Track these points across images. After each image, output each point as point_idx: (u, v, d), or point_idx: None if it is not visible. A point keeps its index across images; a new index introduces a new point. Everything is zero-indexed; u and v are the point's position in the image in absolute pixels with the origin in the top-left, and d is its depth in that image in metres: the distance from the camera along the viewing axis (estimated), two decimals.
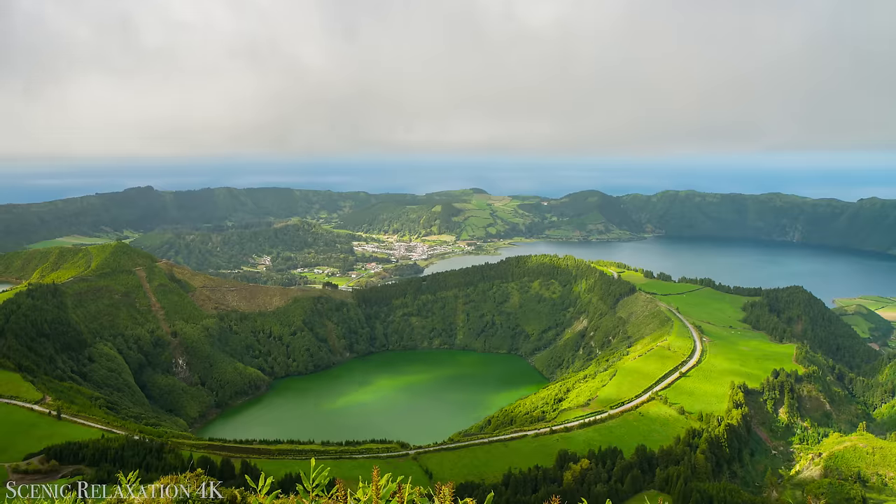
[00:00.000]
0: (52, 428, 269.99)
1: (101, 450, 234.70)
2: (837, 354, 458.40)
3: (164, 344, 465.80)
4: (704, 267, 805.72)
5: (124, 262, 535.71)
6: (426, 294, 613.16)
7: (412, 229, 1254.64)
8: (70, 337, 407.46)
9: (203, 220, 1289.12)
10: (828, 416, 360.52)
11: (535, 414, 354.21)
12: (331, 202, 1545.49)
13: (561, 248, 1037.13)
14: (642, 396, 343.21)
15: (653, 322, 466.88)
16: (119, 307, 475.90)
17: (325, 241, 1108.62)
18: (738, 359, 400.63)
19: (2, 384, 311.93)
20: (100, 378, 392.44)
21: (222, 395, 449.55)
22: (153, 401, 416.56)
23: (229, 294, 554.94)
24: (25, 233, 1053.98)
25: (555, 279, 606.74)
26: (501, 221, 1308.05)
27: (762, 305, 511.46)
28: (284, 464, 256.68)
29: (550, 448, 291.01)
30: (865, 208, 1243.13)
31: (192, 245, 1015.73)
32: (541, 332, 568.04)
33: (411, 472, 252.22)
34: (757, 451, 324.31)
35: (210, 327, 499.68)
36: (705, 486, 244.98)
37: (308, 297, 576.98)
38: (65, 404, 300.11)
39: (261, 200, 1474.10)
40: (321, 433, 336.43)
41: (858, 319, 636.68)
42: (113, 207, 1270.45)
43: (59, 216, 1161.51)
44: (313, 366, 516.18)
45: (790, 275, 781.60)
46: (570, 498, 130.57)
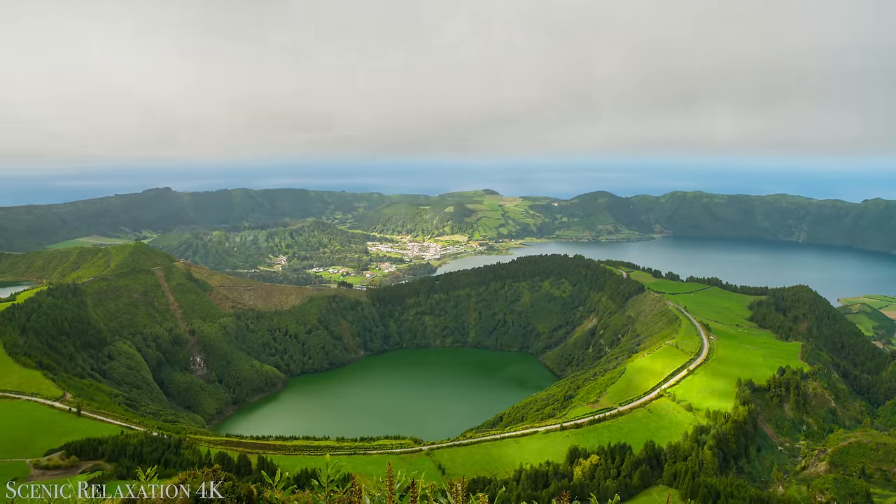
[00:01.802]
0: (72, 424, 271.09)
1: (120, 446, 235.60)
2: (842, 352, 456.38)
3: (182, 342, 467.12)
4: (712, 266, 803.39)
5: (143, 261, 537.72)
6: (439, 293, 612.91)
7: (425, 230, 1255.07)
8: (90, 335, 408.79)
9: (220, 221, 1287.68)
10: (833, 413, 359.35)
11: (545, 411, 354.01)
12: (345, 203, 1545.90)
13: (571, 248, 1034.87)
14: (651, 393, 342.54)
15: (661, 320, 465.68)
16: (138, 306, 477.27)
17: (340, 241, 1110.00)
18: (745, 356, 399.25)
19: (23, 381, 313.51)
20: (119, 375, 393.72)
21: (239, 392, 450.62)
22: (171, 398, 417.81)
23: (246, 293, 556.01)
24: (46, 233, 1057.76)
25: (565, 278, 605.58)
26: (513, 222, 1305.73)
27: (768, 304, 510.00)
28: (300, 459, 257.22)
29: (561, 444, 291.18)
30: (870, 209, 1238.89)
31: (209, 245, 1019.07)
32: (551, 330, 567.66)
33: (424, 468, 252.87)
34: (763, 447, 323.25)
35: (227, 326, 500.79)
36: (713, 481, 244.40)
37: (323, 296, 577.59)
38: (85, 401, 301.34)
39: (277, 201, 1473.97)
40: (336, 429, 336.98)
41: (863, 318, 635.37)
42: (132, 208, 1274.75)
43: (79, 217, 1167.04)
44: (328, 363, 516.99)
45: (796, 274, 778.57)
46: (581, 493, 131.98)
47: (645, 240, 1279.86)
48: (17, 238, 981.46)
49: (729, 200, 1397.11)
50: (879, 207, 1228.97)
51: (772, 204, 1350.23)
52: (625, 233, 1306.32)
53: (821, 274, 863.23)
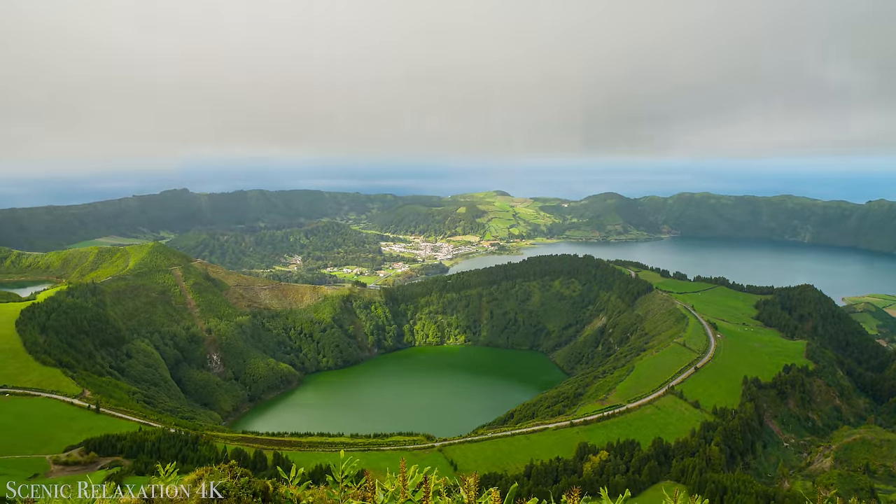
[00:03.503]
0: (91, 421, 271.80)
1: (138, 442, 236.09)
2: (847, 350, 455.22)
3: (199, 340, 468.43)
4: (719, 266, 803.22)
5: (161, 261, 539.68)
6: (451, 292, 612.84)
7: (438, 230, 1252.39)
8: (109, 334, 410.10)
9: (236, 222, 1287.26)
10: (837, 410, 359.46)
11: (555, 408, 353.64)
12: (359, 204, 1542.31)
13: (581, 248, 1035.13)
14: (659, 391, 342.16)
15: (669, 319, 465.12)
16: (156, 305, 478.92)
17: (353, 242, 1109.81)
18: (751, 354, 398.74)
19: (43, 379, 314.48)
20: (137, 373, 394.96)
21: (255, 389, 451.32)
22: (188, 395, 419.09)
23: (262, 292, 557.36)
24: (65, 233, 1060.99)
25: (575, 278, 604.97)
26: (523, 223, 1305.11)
27: (774, 303, 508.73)
28: (315, 455, 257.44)
29: (571, 440, 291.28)
30: (874, 210, 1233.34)
31: (226, 245, 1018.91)
32: (561, 328, 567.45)
33: (437, 464, 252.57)
34: (769, 443, 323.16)
35: (243, 324, 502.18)
36: (720, 477, 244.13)
37: (338, 296, 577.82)
38: (103, 398, 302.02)
39: (292, 202, 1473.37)
40: (350, 426, 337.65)
41: (867, 317, 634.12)
42: (150, 209, 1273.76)
43: (97, 218, 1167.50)
44: (342, 361, 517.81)
45: (801, 274, 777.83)
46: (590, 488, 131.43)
47: (653, 240, 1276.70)
48: (38, 238, 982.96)
49: (736, 201, 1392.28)
50: (883, 208, 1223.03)
51: (778, 205, 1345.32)
52: (633, 233, 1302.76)
53: (826, 274, 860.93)
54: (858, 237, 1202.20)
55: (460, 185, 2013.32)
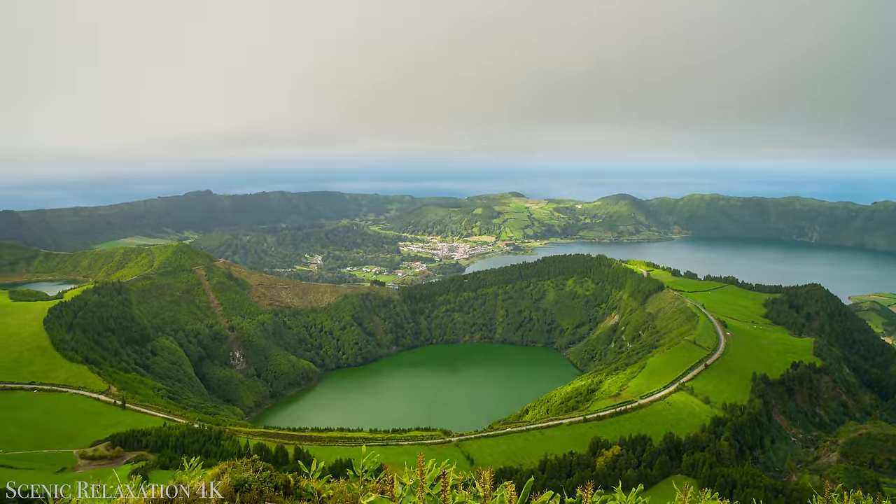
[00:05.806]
0: (117, 416, 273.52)
1: (163, 437, 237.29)
2: (853, 348, 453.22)
3: (222, 338, 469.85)
4: (728, 266, 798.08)
5: (185, 261, 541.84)
6: (468, 291, 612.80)
7: (454, 230, 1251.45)
8: (134, 331, 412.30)
9: (258, 222, 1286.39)
10: (844, 406, 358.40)
11: (569, 403, 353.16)
12: (378, 205, 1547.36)
13: (594, 248, 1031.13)
14: (670, 387, 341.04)
15: (680, 317, 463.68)
16: (180, 303, 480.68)
17: (373, 242, 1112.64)
18: (760, 352, 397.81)
19: (70, 376, 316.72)
20: (162, 370, 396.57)
21: (277, 385, 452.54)
22: (212, 391, 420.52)
23: (283, 291, 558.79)
24: (92, 234, 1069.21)
25: (588, 277, 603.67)
26: (538, 223, 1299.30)
27: (782, 302, 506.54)
28: (335, 450, 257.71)
29: (584, 435, 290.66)
30: (879, 211, 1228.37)
31: (248, 245, 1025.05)
32: (575, 326, 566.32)
33: (454, 458, 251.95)
34: (777, 438, 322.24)
35: (265, 322, 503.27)
36: (729, 471, 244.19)
37: (357, 294, 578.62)
38: (129, 394, 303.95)
39: (313, 203, 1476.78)
40: (369, 421, 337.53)
41: (873, 315, 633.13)
42: (174, 210, 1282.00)
43: (123, 218, 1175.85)
44: (362, 358, 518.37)
45: (809, 273, 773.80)
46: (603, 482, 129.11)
47: (664, 240, 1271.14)
48: (65, 238, 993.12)
49: (744, 203, 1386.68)
50: (889, 209, 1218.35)
51: (786, 206, 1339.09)
52: (645, 234, 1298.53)
53: (832, 273, 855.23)
54: (865, 237, 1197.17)
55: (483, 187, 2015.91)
